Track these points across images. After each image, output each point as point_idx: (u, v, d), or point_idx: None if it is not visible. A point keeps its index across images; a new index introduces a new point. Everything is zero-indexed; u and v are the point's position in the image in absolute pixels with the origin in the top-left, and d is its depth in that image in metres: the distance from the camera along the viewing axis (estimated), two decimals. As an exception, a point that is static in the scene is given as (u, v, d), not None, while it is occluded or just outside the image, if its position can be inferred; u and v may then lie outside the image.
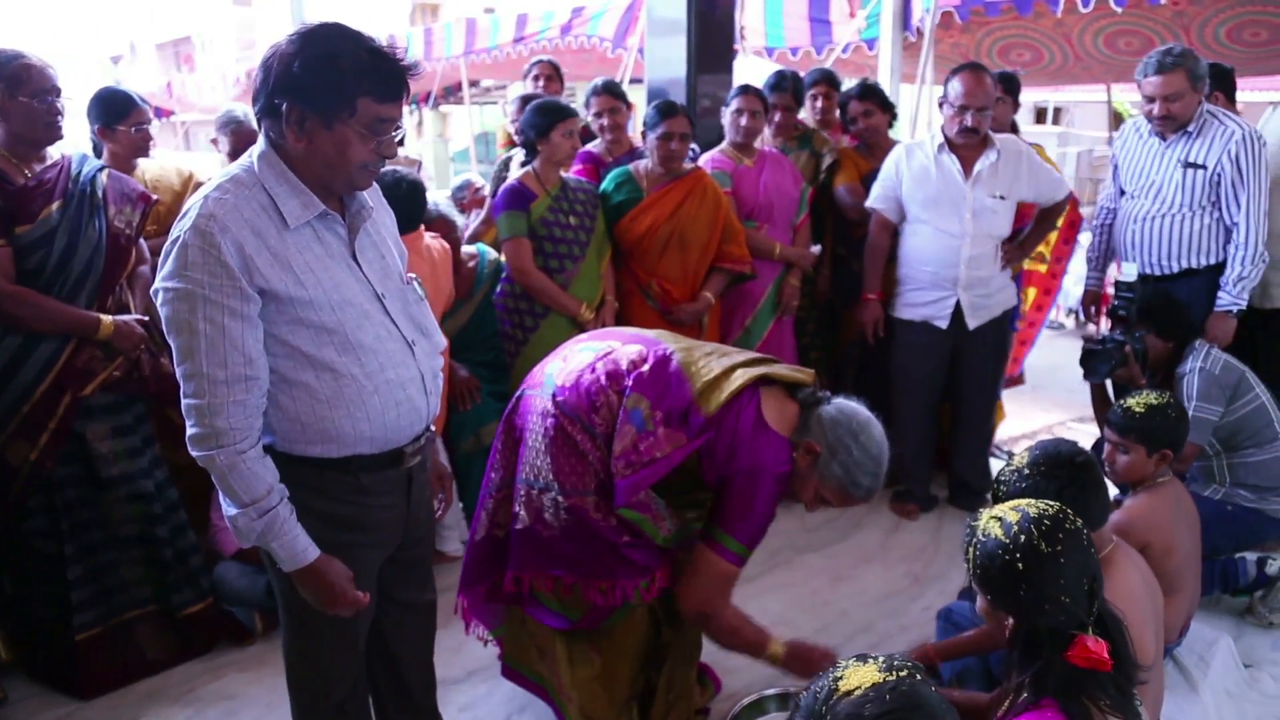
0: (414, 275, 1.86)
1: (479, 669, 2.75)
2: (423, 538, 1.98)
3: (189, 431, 1.54)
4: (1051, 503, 1.59)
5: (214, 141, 3.49)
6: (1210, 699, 2.54)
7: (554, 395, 2.08)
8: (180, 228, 1.52)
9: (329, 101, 1.51)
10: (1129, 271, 3.36)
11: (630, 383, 2.02)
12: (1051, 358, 5.78)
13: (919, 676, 1.03)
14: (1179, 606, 2.44)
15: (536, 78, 4.45)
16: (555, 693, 2.33)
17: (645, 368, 2.04)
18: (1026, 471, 1.98)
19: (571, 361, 2.14)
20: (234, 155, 3.34)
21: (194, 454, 1.55)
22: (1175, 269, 3.41)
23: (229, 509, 1.58)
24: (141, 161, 3.17)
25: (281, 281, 1.55)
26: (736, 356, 2.14)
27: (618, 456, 1.98)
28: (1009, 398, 4.48)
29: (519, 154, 3.45)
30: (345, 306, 1.62)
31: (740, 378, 2.03)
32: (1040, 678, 1.46)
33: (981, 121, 3.38)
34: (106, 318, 2.55)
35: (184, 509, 2.80)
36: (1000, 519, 1.53)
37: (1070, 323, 9.69)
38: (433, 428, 2.01)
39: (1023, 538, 1.49)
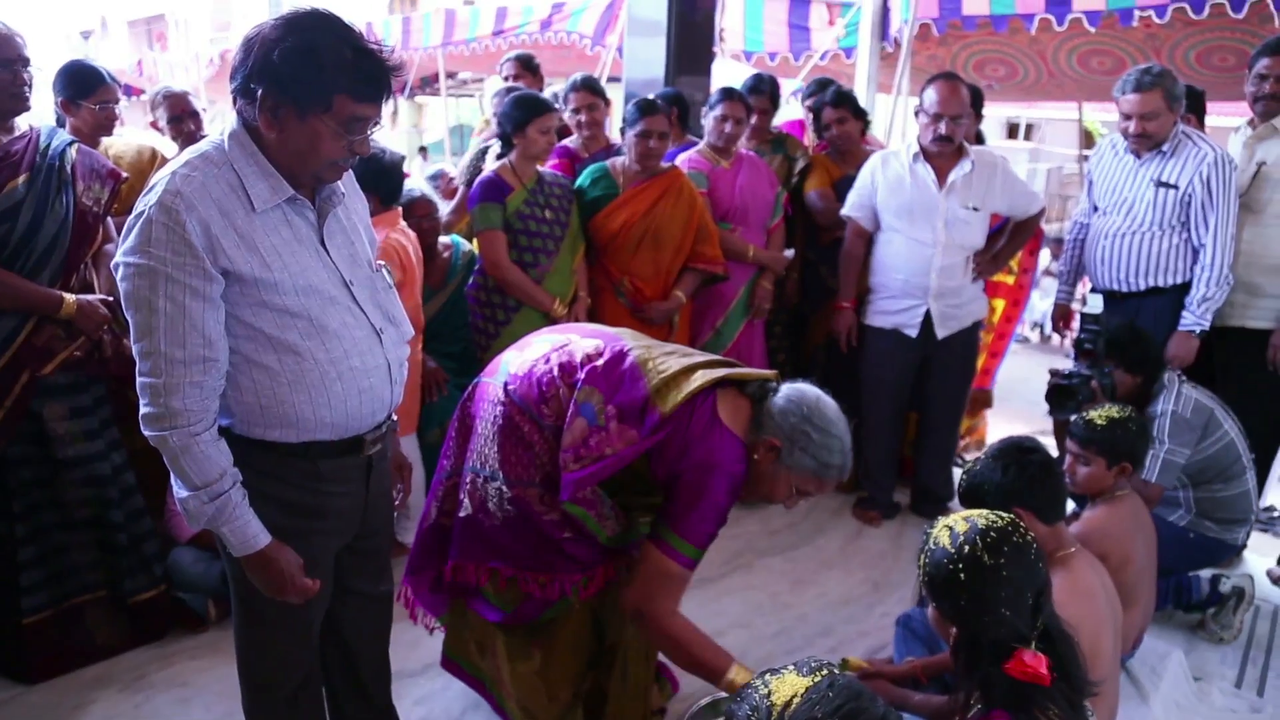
0: (383, 263, 1.84)
1: (435, 662, 2.69)
2: (381, 528, 1.95)
3: (143, 410, 1.51)
4: (1003, 514, 1.60)
5: (153, 124, 3.33)
6: (1160, 710, 2.58)
7: (505, 384, 2.07)
8: (145, 202, 1.49)
9: (305, 94, 1.48)
10: (1094, 303, 3.40)
11: (583, 376, 1.99)
12: (1016, 370, 5.84)
13: (835, 670, 1.03)
14: (1133, 618, 2.48)
15: (507, 77, 4.42)
16: (495, 687, 2.32)
17: (600, 362, 2.01)
18: (981, 458, 2.09)
19: (527, 352, 2.13)
20: (176, 124, 3.26)
21: (146, 433, 1.51)
22: (1142, 287, 3.46)
23: (180, 491, 1.55)
24: (105, 139, 3.10)
25: (247, 263, 1.52)
26: (697, 357, 2.10)
27: (566, 449, 1.96)
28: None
29: (496, 145, 3.42)
30: (311, 292, 1.60)
31: (700, 379, 1.99)
32: (988, 688, 1.47)
33: (955, 130, 3.40)
34: (70, 296, 2.49)
35: (141, 494, 2.75)
36: (950, 528, 1.55)
37: (1035, 336, 9.84)
38: (395, 417, 1.99)
39: (967, 548, 1.51)
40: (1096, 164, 3.64)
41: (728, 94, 3.70)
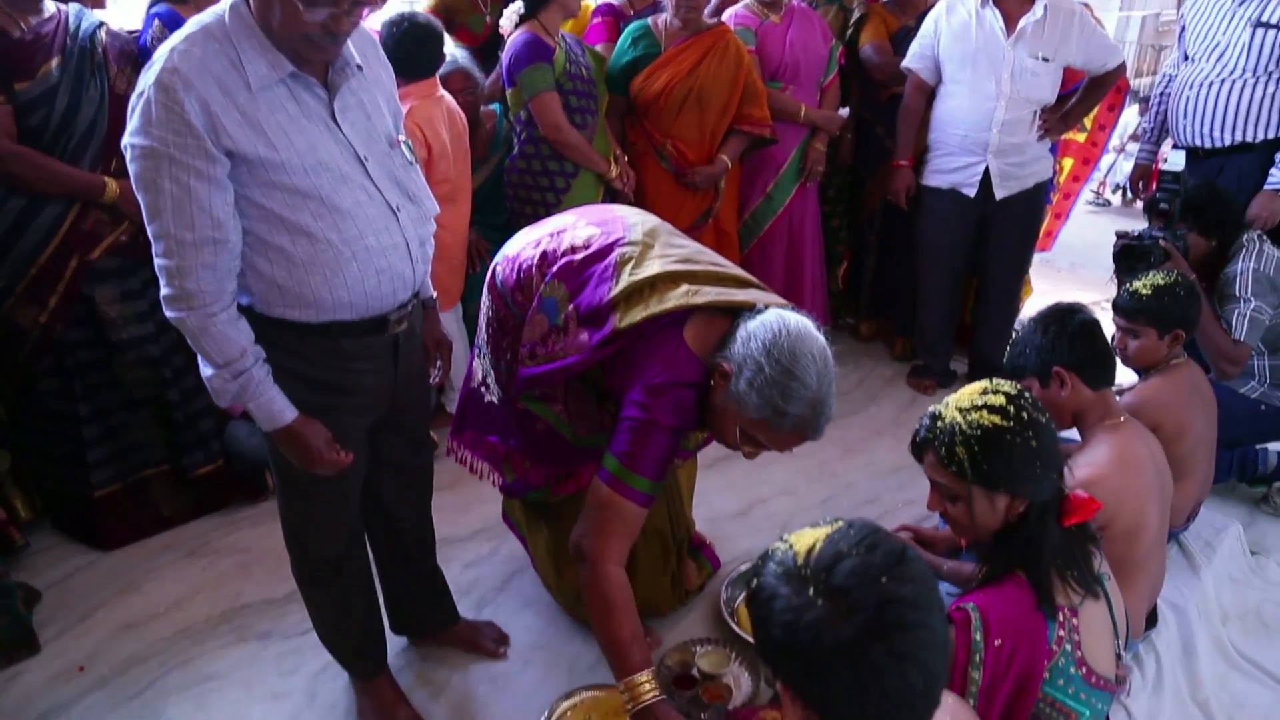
0: (405, 139, 1.77)
1: (484, 529, 2.81)
2: (414, 404, 1.96)
3: (162, 292, 1.51)
4: (1010, 383, 1.51)
5: None
6: (1211, 583, 2.52)
7: (496, 265, 2.02)
8: (145, 81, 1.44)
9: None
10: (1175, 160, 3.15)
11: (556, 269, 1.86)
12: (1092, 236, 5.58)
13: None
14: (1188, 491, 2.39)
15: None
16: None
17: (579, 256, 1.83)
18: (1025, 326, 1.99)
19: (531, 233, 2.04)
20: None
21: (167, 314, 1.52)
22: (1228, 141, 3.21)
23: (205, 369, 1.57)
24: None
25: (251, 143, 1.48)
26: (699, 264, 1.83)
27: (524, 344, 1.89)
28: (1043, 275, 4.35)
29: (513, 11, 3.20)
30: (321, 170, 1.55)
31: (678, 299, 1.71)
32: (1035, 552, 1.41)
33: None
34: (112, 181, 2.49)
35: (196, 374, 2.81)
36: (984, 406, 1.44)
37: (1116, 199, 9.32)
38: (434, 294, 1.97)
39: (1024, 415, 1.42)
40: (1191, 6, 3.33)
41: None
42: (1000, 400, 1.43)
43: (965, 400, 1.46)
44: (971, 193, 3.43)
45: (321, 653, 2.14)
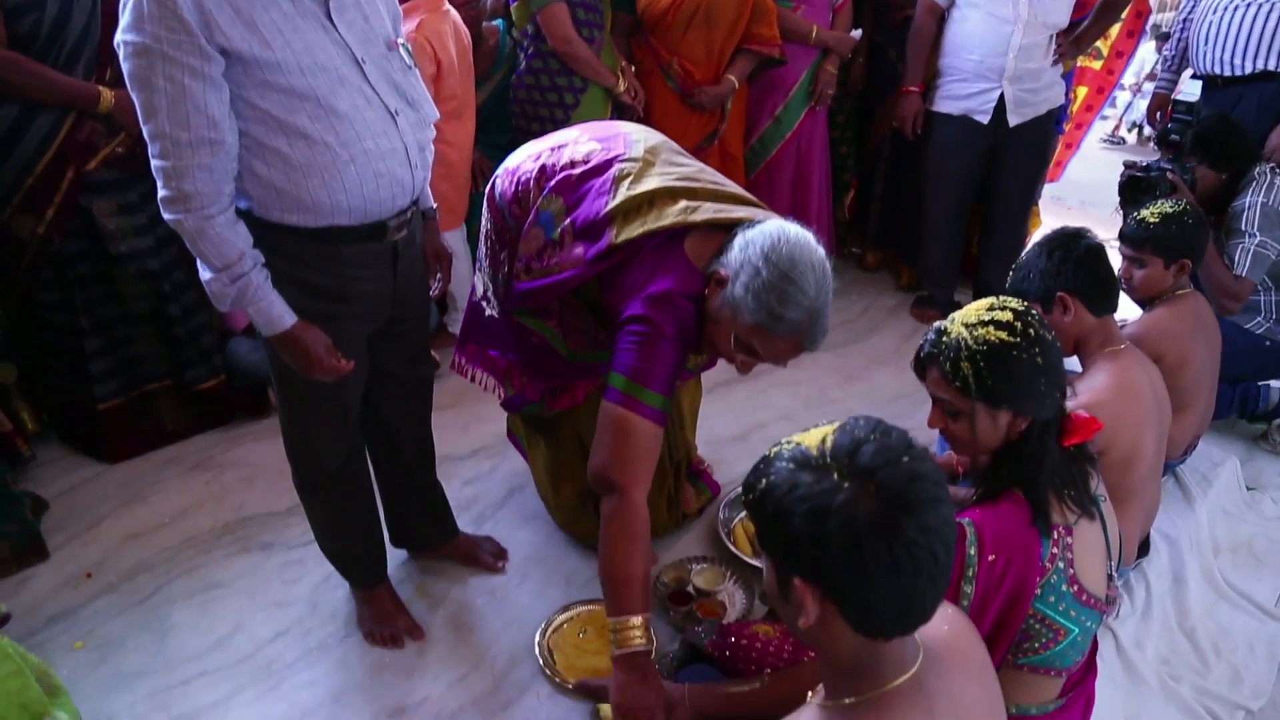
0: (403, 41, 1.73)
1: (483, 447, 2.84)
2: (413, 314, 1.95)
3: (160, 194, 1.49)
4: (1018, 301, 1.49)
5: None
6: (1204, 515, 2.54)
7: (495, 178, 2.00)
8: None
9: None
10: (1190, 91, 3.07)
11: (554, 183, 1.83)
12: (1104, 174, 5.49)
13: None
14: (1188, 422, 2.40)
15: None
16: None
17: (578, 170, 1.80)
18: (1029, 250, 1.97)
19: (532, 147, 2.01)
20: None
21: (165, 216, 1.50)
22: (1248, 69, 3.13)
23: (204, 273, 1.56)
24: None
25: (245, 41, 1.44)
26: (700, 182, 1.79)
27: (520, 258, 1.87)
28: (1053, 212, 4.29)
29: None
30: (317, 71, 1.52)
31: (676, 215, 1.68)
32: (1032, 471, 1.41)
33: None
34: (107, 90, 2.45)
35: (197, 289, 2.81)
36: (991, 322, 1.43)
37: (1132, 138, 9.14)
38: (434, 205, 1.95)
39: (1031, 331, 1.41)
40: (1217, -75, 3.22)
41: None
42: (1008, 316, 1.41)
43: (972, 316, 1.44)
44: (984, 119, 3.37)
45: (323, 564, 2.18)
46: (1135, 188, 2.75)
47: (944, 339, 1.46)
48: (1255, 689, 2.18)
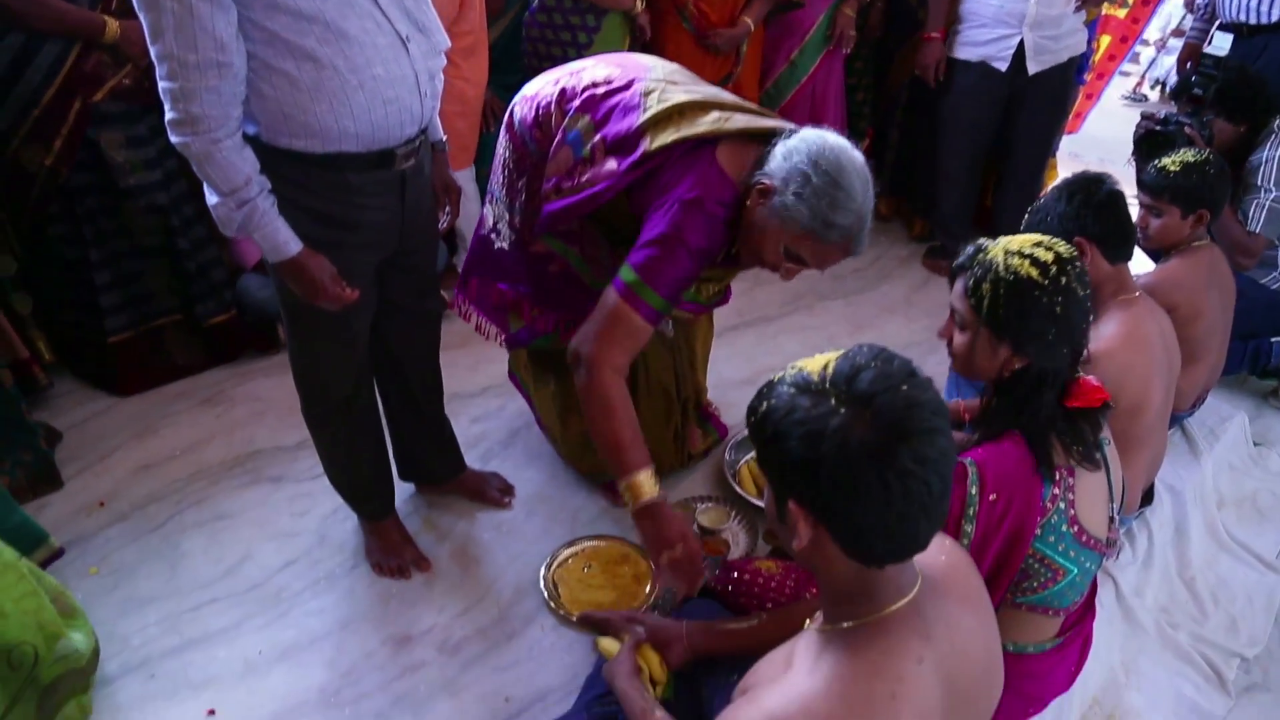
0: None
1: (492, 386, 2.86)
2: (420, 246, 1.95)
3: (166, 117, 1.48)
4: (1069, 246, 1.48)
5: None
6: (1210, 468, 2.55)
7: (513, 106, 1.98)
8: None
9: None
10: (1219, 44, 2.99)
11: (578, 102, 1.83)
12: (1124, 131, 5.37)
13: None
14: (1197, 375, 2.39)
15: None
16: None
17: (601, 89, 1.82)
18: (1040, 201, 1.93)
19: (550, 74, 2.00)
20: None
21: (172, 139, 1.49)
22: (1275, 17, 3.06)
23: (210, 198, 1.56)
24: None
25: None
26: (722, 96, 1.82)
27: (548, 179, 1.86)
28: (1071, 168, 4.22)
29: None
30: None
31: (710, 125, 1.70)
32: (1031, 417, 1.42)
33: None
34: (112, 20, 2.43)
35: (205, 223, 2.81)
36: (1029, 256, 1.42)
37: (1155, 95, 8.96)
38: (444, 138, 1.94)
39: (1063, 280, 1.40)
40: None
41: None
42: (1048, 257, 1.40)
43: (1015, 244, 1.44)
44: (1003, 67, 3.31)
45: (332, 497, 2.21)
46: (1151, 141, 2.71)
47: (980, 255, 1.46)
48: (1252, 637, 2.21)
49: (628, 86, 1.81)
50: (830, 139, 1.64)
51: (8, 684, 1.58)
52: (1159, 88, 8.87)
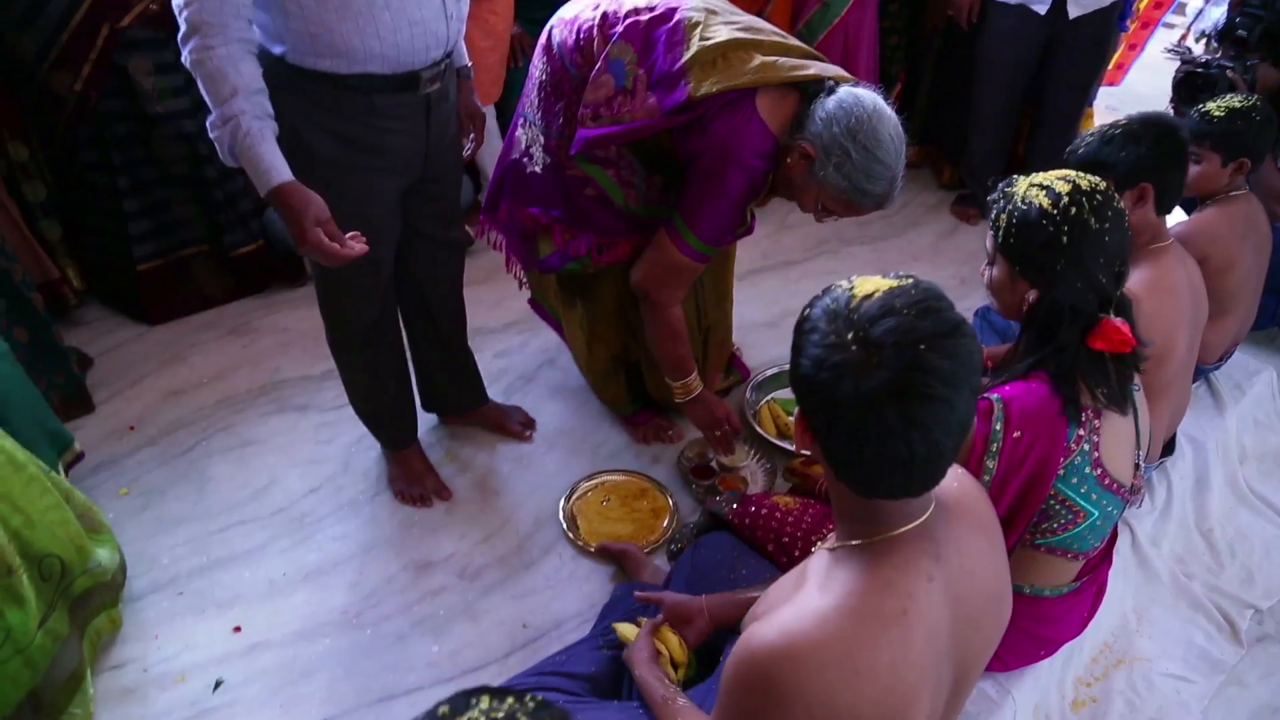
0: None
1: (516, 321, 2.87)
2: (445, 173, 1.94)
3: (179, 34, 1.45)
4: (1100, 180, 1.46)
5: None
6: (1234, 422, 2.52)
7: (551, 28, 1.96)
8: None
9: None
10: None
11: (621, 29, 1.81)
12: (1167, 85, 5.24)
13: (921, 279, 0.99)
14: (1226, 327, 2.35)
15: None
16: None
17: (645, 16, 1.80)
18: (1111, 131, 1.84)
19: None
20: None
21: (183, 55, 1.45)
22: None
23: (208, 119, 1.49)
24: None
25: None
26: (765, 34, 1.80)
27: (586, 105, 1.84)
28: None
29: None
30: None
31: (751, 75, 1.72)
32: (1044, 359, 1.42)
33: None
34: None
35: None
36: (1046, 187, 1.39)
37: (1200, 48, 8.70)
38: (469, 64, 1.92)
39: (1073, 210, 1.38)
40: None
41: None
42: (1065, 188, 1.38)
43: (1041, 177, 1.43)
44: (1043, 9, 3.22)
45: (356, 426, 2.24)
46: (1192, 85, 2.63)
47: (1009, 189, 1.46)
48: (1268, 590, 2.21)
49: (670, 14, 1.80)
50: (867, 103, 1.69)
51: (42, 593, 1.63)
52: (1205, 40, 8.61)
